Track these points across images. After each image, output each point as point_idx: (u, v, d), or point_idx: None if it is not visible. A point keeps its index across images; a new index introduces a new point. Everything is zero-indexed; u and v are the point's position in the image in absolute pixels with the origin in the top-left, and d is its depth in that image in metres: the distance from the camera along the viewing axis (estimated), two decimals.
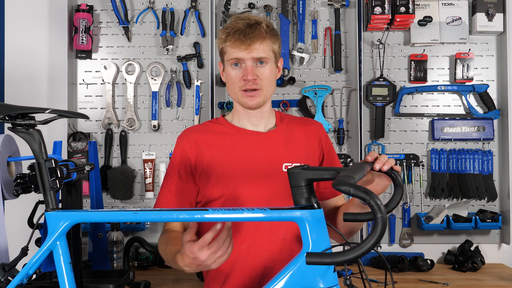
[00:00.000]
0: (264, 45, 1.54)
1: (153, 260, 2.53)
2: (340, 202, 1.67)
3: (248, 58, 1.53)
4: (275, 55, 1.60)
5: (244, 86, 1.55)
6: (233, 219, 1.23)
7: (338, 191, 1.65)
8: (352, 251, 0.99)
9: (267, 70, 1.56)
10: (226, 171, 1.55)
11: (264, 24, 1.55)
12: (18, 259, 1.34)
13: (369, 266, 2.53)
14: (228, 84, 1.61)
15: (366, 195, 0.96)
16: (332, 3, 2.65)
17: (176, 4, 2.69)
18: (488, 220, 2.54)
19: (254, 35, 1.52)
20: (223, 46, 1.57)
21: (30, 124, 1.29)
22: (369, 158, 1.33)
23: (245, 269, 1.54)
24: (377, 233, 0.96)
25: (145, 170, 2.63)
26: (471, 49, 2.65)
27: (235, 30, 1.53)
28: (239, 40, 1.52)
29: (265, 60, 1.55)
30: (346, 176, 1.03)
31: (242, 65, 1.55)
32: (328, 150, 1.70)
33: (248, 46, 1.52)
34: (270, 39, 1.56)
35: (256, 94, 1.56)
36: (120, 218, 1.28)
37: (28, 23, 2.66)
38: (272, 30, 1.58)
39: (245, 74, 1.53)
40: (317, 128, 1.70)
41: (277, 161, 1.58)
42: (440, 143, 2.67)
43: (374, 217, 0.95)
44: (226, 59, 1.58)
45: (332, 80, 2.68)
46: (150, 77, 2.66)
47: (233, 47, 1.53)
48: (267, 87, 1.57)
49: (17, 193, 1.35)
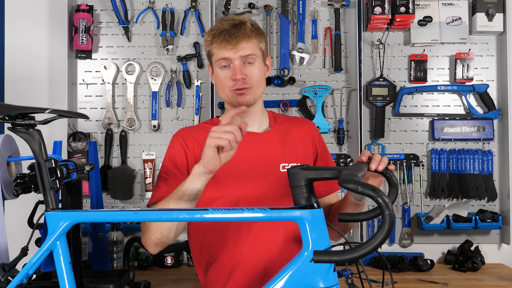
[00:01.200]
0: (250, 43, 1.54)
1: (153, 260, 2.53)
2: (334, 200, 1.69)
3: (235, 57, 1.53)
4: (263, 53, 1.60)
5: (234, 86, 1.55)
6: (233, 219, 1.23)
7: (332, 190, 1.66)
8: (360, 248, 1.00)
9: (256, 68, 1.56)
10: (224, 172, 1.55)
11: (249, 23, 1.56)
12: (18, 259, 1.34)
13: (369, 266, 2.53)
14: (217, 85, 1.61)
15: (374, 192, 0.97)
16: (332, 3, 2.65)
17: (176, 4, 2.69)
18: (488, 220, 2.54)
19: (240, 34, 1.52)
20: (210, 48, 1.58)
21: (30, 124, 1.29)
22: (363, 158, 1.34)
23: (246, 270, 1.54)
24: (385, 230, 0.97)
25: (145, 170, 2.63)
26: (471, 49, 2.66)
27: (220, 31, 1.54)
28: (225, 40, 1.52)
29: (252, 58, 1.55)
30: (350, 175, 1.04)
31: (230, 65, 1.55)
32: (322, 149, 1.71)
33: (234, 45, 1.52)
34: (256, 38, 1.56)
35: (246, 92, 1.56)
36: (120, 218, 1.28)
37: (28, 23, 2.66)
38: (257, 29, 1.58)
39: (234, 73, 1.53)
40: (310, 127, 1.71)
41: (274, 161, 1.58)
42: (440, 143, 2.67)
43: (382, 214, 0.97)
44: (214, 61, 1.59)
45: (332, 80, 2.68)
46: (150, 77, 2.66)
47: (220, 48, 1.54)
48: (257, 85, 1.57)
49: (17, 193, 1.35)
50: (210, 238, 1.59)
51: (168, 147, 1.64)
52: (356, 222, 1.65)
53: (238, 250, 1.54)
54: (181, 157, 1.58)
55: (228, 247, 1.55)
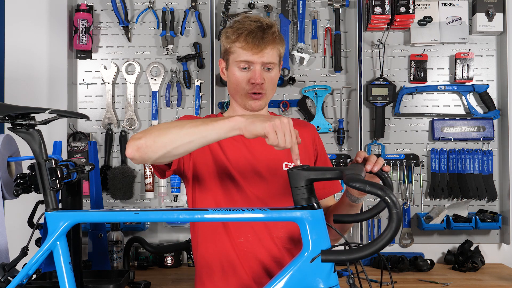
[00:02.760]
0: (274, 50, 1.54)
1: (153, 260, 2.53)
2: (331, 202, 1.69)
3: (258, 62, 1.53)
4: (280, 59, 1.61)
5: (252, 90, 1.54)
6: (233, 219, 1.23)
7: (329, 193, 1.67)
8: (367, 247, 1.01)
9: (273, 74, 1.57)
10: (227, 171, 1.55)
11: (276, 28, 1.56)
12: (18, 259, 1.34)
13: (369, 266, 2.53)
14: (231, 84, 1.60)
15: (382, 191, 0.98)
16: (332, 3, 2.65)
17: (176, 4, 2.69)
18: (488, 220, 2.54)
19: (268, 39, 1.51)
20: (231, 46, 1.55)
21: (30, 124, 1.29)
22: (358, 159, 1.34)
23: (247, 270, 1.54)
24: (392, 229, 0.98)
25: (145, 170, 2.63)
26: (471, 49, 2.66)
27: (248, 31, 1.52)
28: (252, 43, 1.51)
29: (273, 64, 1.55)
30: (355, 174, 1.05)
31: (250, 67, 1.54)
32: (321, 151, 1.72)
33: (261, 50, 1.51)
34: (279, 44, 1.57)
35: (260, 98, 1.56)
36: (120, 218, 1.28)
37: (28, 23, 2.66)
38: (280, 35, 1.59)
39: (254, 77, 1.53)
40: (310, 130, 1.72)
41: (277, 160, 1.59)
42: (440, 143, 2.67)
43: (389, 213, 0.98)
44: (233, 60, 1.56)
45: (332, 80, 2.68)
46: (150, 77, 2.66)
47: (245, 49, 1.52)
48: (270, 91, 1.59)
49: (17, 193, 1.35)
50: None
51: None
52: (351, 224, 1.64)
53: (238, 251, 1.54)
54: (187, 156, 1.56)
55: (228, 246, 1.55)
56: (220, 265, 1.56)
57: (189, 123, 1.24)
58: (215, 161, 1.56)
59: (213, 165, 1.55)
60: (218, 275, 1.56)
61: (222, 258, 1.55)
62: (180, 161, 1.52)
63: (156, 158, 1.27)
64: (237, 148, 1.58)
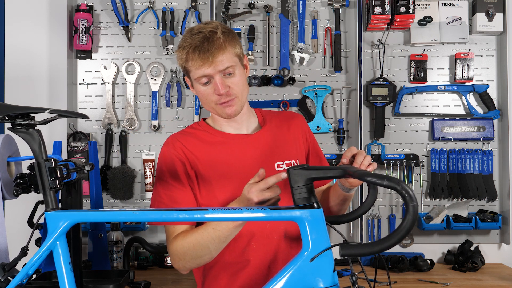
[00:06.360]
0: (226, 54, 1.49)
1: (153, 260, 2.53)
2: (325, 187, 1.70)
3: (215, 72, 1.49)
4: (239, 58, 1.55)
5: (220, 100, 1.51)
6: (234, 219, 1.23)
7: (324, 182, 1.68)
8: (387, 239, 1.03)
9: (237, 77, 1.52)
10: (222, 177, 1.54)
11: (219, 31, 1.50)
12: (18, 259, 1.33)
13: (369, 266, 2.53)
14: (201, 100, 1.57)
15: (399, 185, 1.00)
16: (332, 3, 2.65)
17: (176, 4, 2.69)
18: (488, 220, 2.54)
19: (214, 48, 1.47)
20: (186, 65, 1.52)
21: (30, 124, 1.29)
22: (344, 161, 1.38)
23: (249, 271, 1.54)
24: (410, 221, 1.00)
25: (145, 170, 2.63)
26: (471, 49, 2.66)
27: (194, 48, 1.48)
28: (200, 58, 1.47)
29: (231, 68, 1.50)
30: (363, 170, 1.12)
31: (211, 80, 1.51)
32: (312, 143, 1.72)
33: (211, 62, 1.47)
34: (230, 45, 1.50)
35: (233, 103, 1.53)
36: (120, 218, 1.28)
37: (28, 23, 2.66)
38: (229, 34, 1.52)
39: (217, 89, 1.49)
40: (299, 121, 1.71)
41: (269, 161, 1.58)
42: (440, 143, 2.67)
43: (406, 206, 1.00)
44: (193, 77, 1.53)
45: (332, 80, 2.68)
46: (150, 77, 2.66)
47: (197, 66, 1.48)
48: (241, 92, 1.54)
49: (17, 193, 1.35)
50: None
51: (163, 159, 1.59)
52: (349, 200, 1.64)
53: (238, 251, 1.54)
54: (180, 169, 1.55)
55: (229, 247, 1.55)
56: (220, 265, 1.56)
57: (211, 242, 1.40)
58: (213, 163, 1.56)
59: (212, 166, 1.56)
60: (219, 275, 1.56)
61: (222, 258, 1.55)
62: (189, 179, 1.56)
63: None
64: (229, 156, 1.57)
